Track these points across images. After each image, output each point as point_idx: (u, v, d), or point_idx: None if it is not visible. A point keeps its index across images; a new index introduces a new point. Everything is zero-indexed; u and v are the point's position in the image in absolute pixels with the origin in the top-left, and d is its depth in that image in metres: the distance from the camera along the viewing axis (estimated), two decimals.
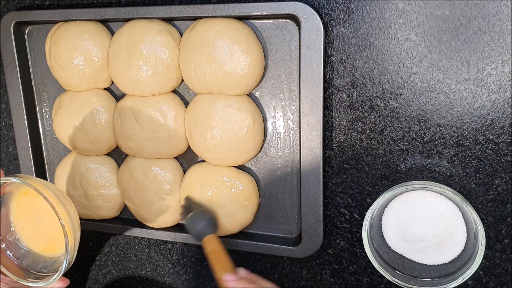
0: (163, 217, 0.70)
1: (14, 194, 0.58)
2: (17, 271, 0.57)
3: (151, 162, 0.69)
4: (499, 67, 0.55)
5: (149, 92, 0.66)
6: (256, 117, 0.63)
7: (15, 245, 0.59)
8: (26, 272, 0.58)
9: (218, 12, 0.61)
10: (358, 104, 0.61)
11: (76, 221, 0.55)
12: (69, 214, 0.54)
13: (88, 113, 0.69)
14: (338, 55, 0.60)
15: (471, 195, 0.59)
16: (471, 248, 0.56)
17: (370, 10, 0.57)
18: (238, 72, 0.61)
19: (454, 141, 0.58)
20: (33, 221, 0.59)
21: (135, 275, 0.79)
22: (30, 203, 0.58)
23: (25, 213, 0.59)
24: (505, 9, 0.53)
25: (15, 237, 0.59)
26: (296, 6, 0.58)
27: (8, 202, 0.58)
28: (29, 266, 0.58)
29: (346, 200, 0.64)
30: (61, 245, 0.55)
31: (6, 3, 0.74)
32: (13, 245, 0.59)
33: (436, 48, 0.56)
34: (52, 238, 0.57)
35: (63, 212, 0.53)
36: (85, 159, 0.73)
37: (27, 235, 0.59)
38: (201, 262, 0.74)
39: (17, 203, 0.58)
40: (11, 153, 0.80)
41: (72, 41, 0.67)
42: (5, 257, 0.58)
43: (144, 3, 0.67)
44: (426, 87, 0.58)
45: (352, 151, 0.62)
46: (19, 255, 0.59)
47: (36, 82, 0.75)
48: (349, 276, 0.67)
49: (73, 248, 0.54)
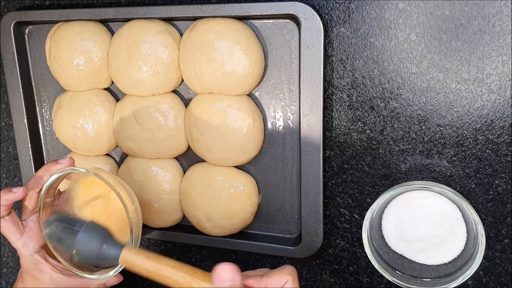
0: (163, 217, 0.70)
1: (80, 183, 0.57)
2: (69, 258, 0.56)
3: (151, 162, 0.69)
4: (499, 67, 0.55)
5: (149, 92, 0.66)
6: (256, 117, 0.63)
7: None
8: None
9: (218, 12, 0.61)
10: (358, 104, 0.61)
11: (140, 218, 0.55)
12: (136, 209, 0.53)
13: (88, 113, 0.69)
14: (338, 55, 0.60)
15: (471, 195, 0.59)
16: (471, 248, 0.56)
17: (370, 10, 0.57)
18: (238, 72, 0.61)
19: (454, 141, 0.58)
20: (96, 211, 0.58)
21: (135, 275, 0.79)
22: (94, 194, 0.57)
23: (88, 202, 0.58)
24: (505, 9, 0.53)
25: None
26: (296, 6, 0.58)
27: (71, 190, 0.58)
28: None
29: (346, 200, 0.64)
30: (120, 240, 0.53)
31: (6, 3, 0.74)
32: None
33: (436, 48, 0.56)
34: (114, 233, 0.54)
35: (131, 209, 0.52)
36: (85, 159, 0.73)
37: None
38: (201, 262, 0.74)
39: (81, 193, 0.58)
40: (11, 153, 0.80)
41: (72, 41, 0.67)
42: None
43: (144, 3, 0.67)
44: (426, 87, 0.58)
45: (352, 151, 0.62)
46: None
47: (36, 82, 0.75)
48: (349, 276, 0.67)
49: (136, 245, 0.53)
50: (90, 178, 0.57)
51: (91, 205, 0.59)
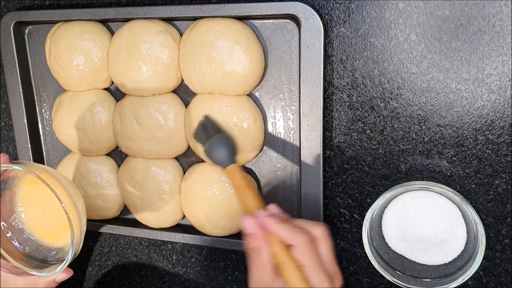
0: (163, 217, 0.70)
1: (21, 179, 0.57)
2: (19, 257, 0.56)
3: (151, 162, 0.69)
4: (499, 67, 0.54)
5: (149, 92, 0.66)
6: (256, 117, 0.63)
7: (19, 230, 0.57)
8: (28, 258, 0.57)
9: (218, 12, 0.61)
10: (358, 104, 0.60)
11: (83, 213, 0.54)
12: (76, 205, 0.52)
13: (88, 113, 0.69)
14: (338, 55, 0.60)
15: (471, 195, 0.59)
16: (471, 249, 0.56)
17: (370, 10, 0.57)
18: (238, 72, 0.61)
19: (454, 141, 0.58)
20: (39, 209, 0.58)
21: (135, 275, 0.79)
22: (37, 190, 0.57)
23: (31, 199, 0.58)
24: (505, 9, 0.53)
25: (19, 221, 0.57)
26: (296, 6, 0.58)
27: (13, 186, 0.57)
28: (32, 253, 0.57)
29: (346, 201, 0.64)
30: (66, 235, 0.53)
31: (6, 3, 0.74)
32: (16, 230, 0.57)
33: (436, 48, 0.56)
34: (58, 228, 0.56)
35: (68, 202, 0.51)
36: (85, 159, 0.73)
37: (32, 222, 0.58)
38: (201, 263, 0.74)
39: (24, 189, 0.57)
40: (11, 153, 0.80)
41: (72, 41, 0.67)
42: (6, 240, 0.56)
43: (144, 3, 0.67)
44: (426, 87, 0.58)
45: (352, 151, 0.62)
46: (22, 240, 0.57)
47: (36, 82, 0.75)
48: (349, 276, 0.67)
49: (79, 240, 0.53)
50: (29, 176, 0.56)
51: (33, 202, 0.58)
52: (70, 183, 0.55)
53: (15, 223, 0.58)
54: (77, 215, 0.52)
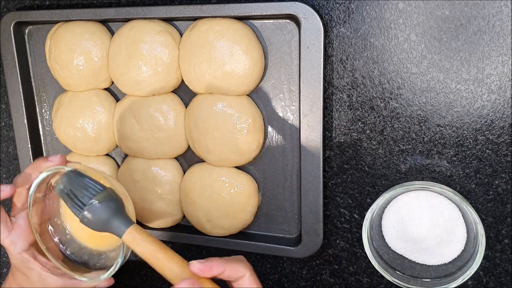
0: (163, 217, 0.70)
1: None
2: (60, 258, 0.54)
3: (151, 162, 0.69)
4: (499, 67, 0.55)
5: (149, 92, 0.66)
6: (256, 117, 0.63)
7: (63, 230, 0.56)
8: (69, 261, 0.55)
9: (218, 12, 0.61)
10: (358, 104, 0.61)
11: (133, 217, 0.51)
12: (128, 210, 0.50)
13: (88, 113, 0.69)
14: (338, 55, 0.60)
15: (471, 195, 0.59)
16: (471, 249, 0.56)
17: (370, 10, 0.57)
18: (238, 72, 0.61)
19: (454, 141, 0.58)
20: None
21: (135, 275, 0.79)
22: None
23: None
24: (505, 9, 0.53)
25: (64, 222, 0.56)
26: (296, 6, 0.58)
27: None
28: (73, 256, 0.55)
29: (346, 200, 0.64)
30: (111, 240, 0.51)
31: (6, 3, 0.74)
32: (61, 230, 0.56)
33: (436, 48, 0.56)
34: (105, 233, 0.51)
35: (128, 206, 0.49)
36: (85, 159, 0.73)
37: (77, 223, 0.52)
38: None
39: None
40: (11, 153, 0.80)
41: (72, 41, 0.67)
42: (49, 239, 0.55)
43: (144, 3, 0.67)
44: (426, 87, 0.58)
45: (352, 151, 0.62)
46: (65, 240, 0.56)
47: (36, 82, 0.75)
48: (349, 276, 0.67)
49: (129, 248, 0.49)
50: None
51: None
52: (122, 187, 0.52)
53: (61, 222, 0.56)
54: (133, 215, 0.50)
